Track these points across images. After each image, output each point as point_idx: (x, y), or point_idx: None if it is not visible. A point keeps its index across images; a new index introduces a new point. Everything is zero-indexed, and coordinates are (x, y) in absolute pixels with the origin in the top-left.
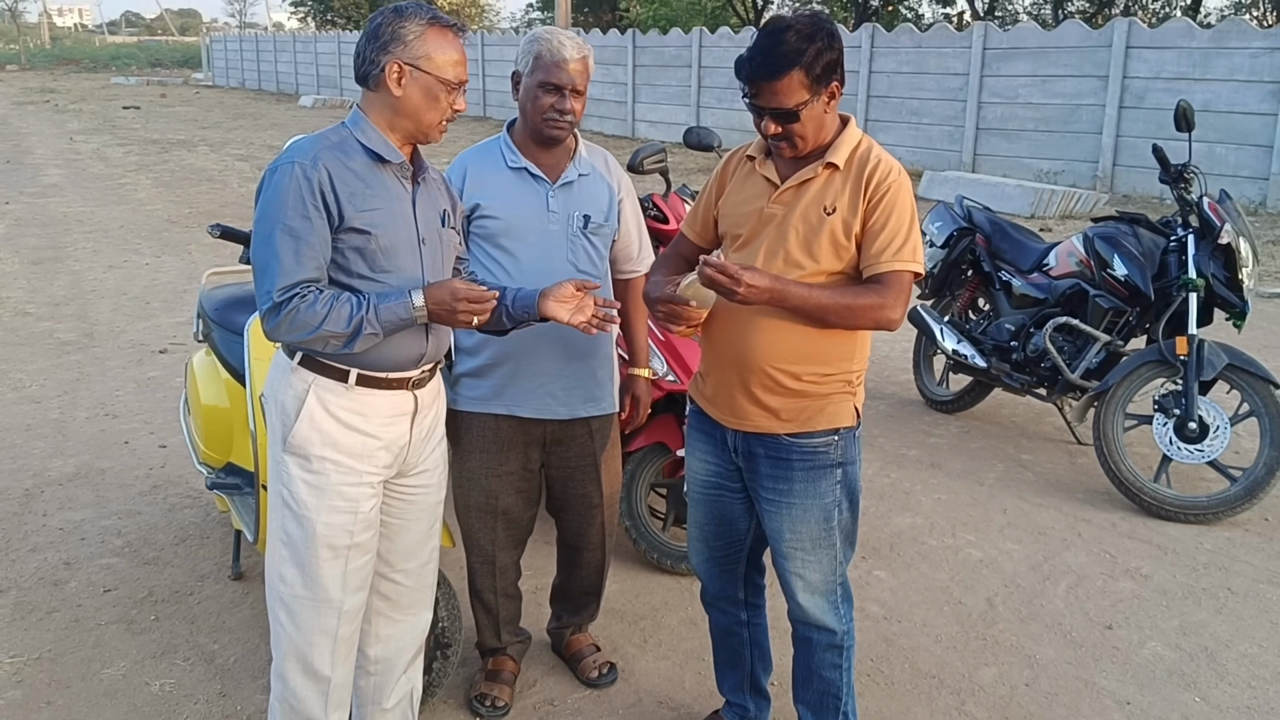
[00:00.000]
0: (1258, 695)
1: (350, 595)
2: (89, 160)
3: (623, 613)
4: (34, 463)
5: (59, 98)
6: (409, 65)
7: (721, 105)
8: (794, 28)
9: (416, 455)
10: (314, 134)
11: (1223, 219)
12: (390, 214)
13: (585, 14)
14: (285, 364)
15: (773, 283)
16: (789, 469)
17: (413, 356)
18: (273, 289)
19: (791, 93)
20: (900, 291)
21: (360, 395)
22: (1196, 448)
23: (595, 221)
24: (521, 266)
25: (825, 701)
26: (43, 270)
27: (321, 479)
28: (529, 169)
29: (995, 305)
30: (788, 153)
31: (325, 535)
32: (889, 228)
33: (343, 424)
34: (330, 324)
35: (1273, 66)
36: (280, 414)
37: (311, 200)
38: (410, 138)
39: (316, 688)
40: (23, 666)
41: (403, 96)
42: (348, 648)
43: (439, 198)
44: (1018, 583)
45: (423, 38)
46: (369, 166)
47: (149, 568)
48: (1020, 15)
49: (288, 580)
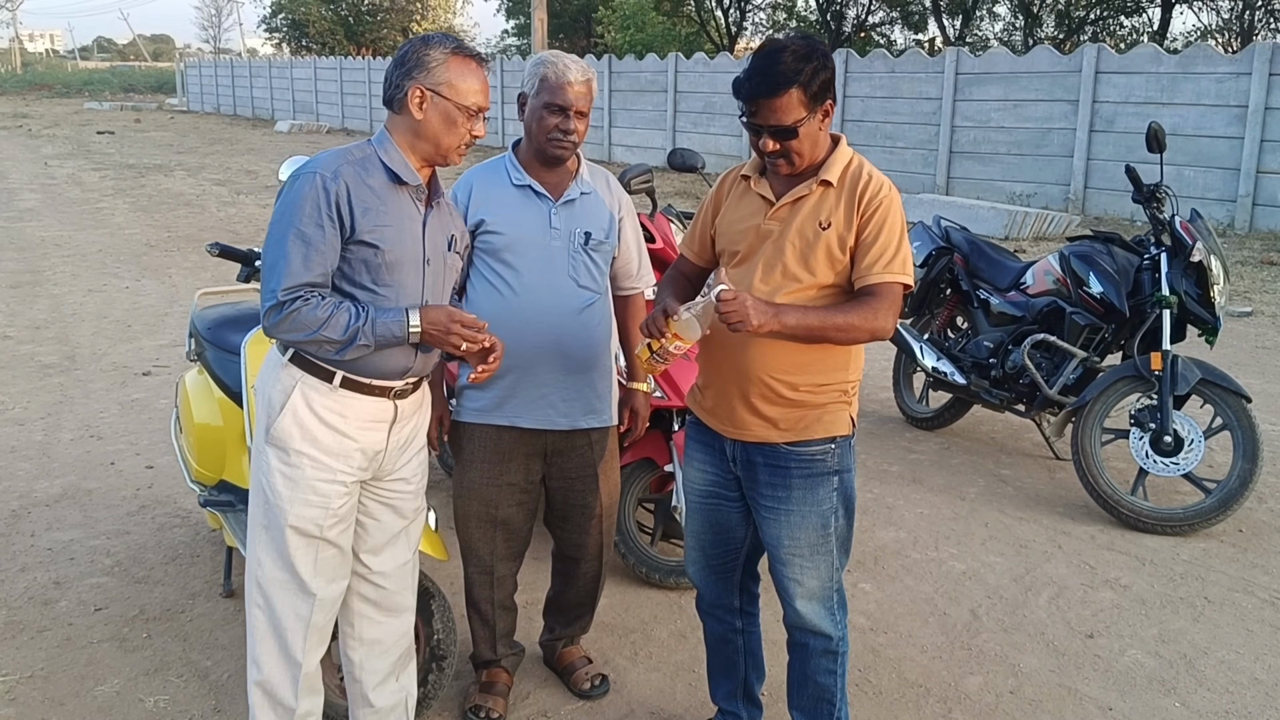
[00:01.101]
0: (1235, 700)
1: (324, 584)
2: (64, 185)
3: (613, 626)
4: (19, 484)
5: (32, 123)
6: (430, 91)
7: (697, 130)
8: (790, 48)
9: (393, 462)
10: (339, 148)
11: (1194, 237)
12: (400, 232)
13: (561, 39)
14: (277, 360)
15: (765, 307)
16: (787, 477)
17: (398, 368)
18: (278, 288)
19: (790, 110)
20: (892, 302)
21: (343, 397)
22: (1172, 461)
23: (596, 239)
24: (524, 281)
25: (820, 708)
26: (21, 294)
27: (297, 472)
28: (533, 186)
29: (974, 323)
30: (784, 170)
31: (297, 525)
32: (880, 241)
33: (323, 422)
34: (328, 329)
35: (1238, 91)
36: (266, 406)
37: (326, 210)
38: (430, 160)
39: (289, 673)
40: (15, 684)
41: (424, 120)
42: (319, 636)
43: (449, 223)
44: (1000, 594)
45: (445, 65)
46: (387, 185)
47: (139, 586)
48: (991, 41)
49: (264, 565)
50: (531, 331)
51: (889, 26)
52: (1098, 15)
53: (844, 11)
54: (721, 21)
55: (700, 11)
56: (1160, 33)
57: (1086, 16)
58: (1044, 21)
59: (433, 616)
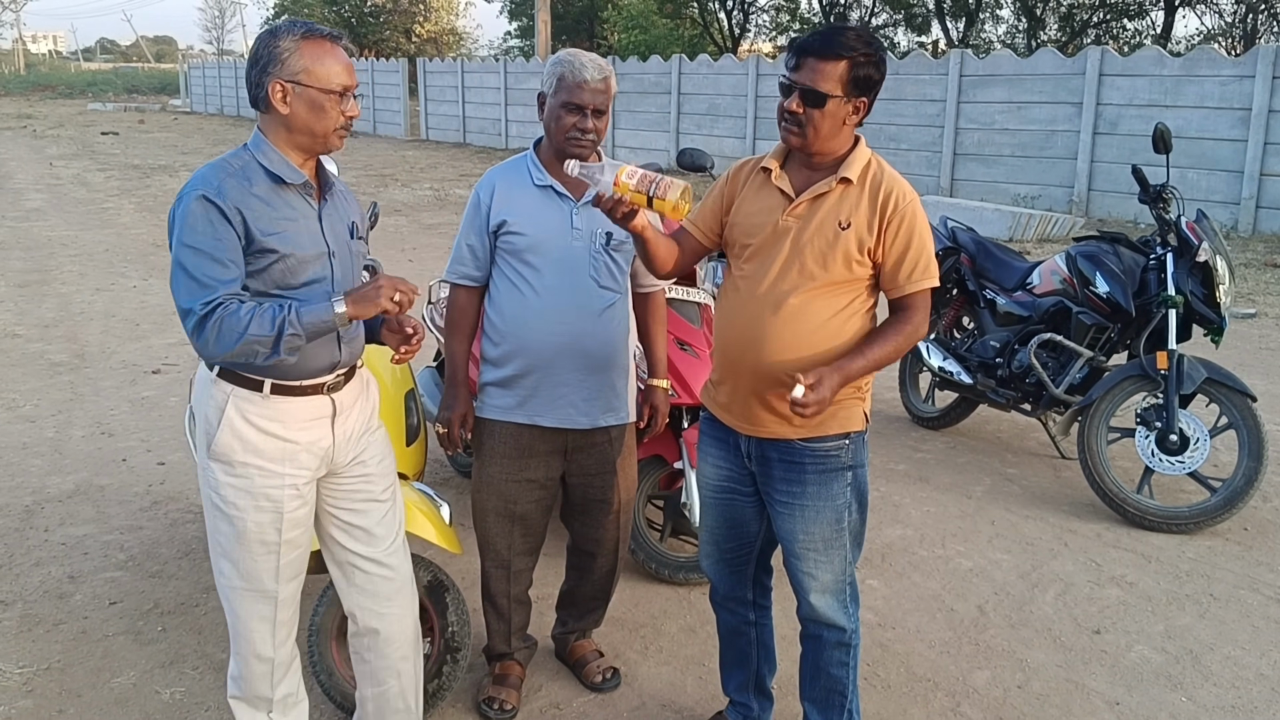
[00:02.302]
0: (1241, 695)
1: (284, 585)
2: (70, 185)
3: (623, 621)
4: (32, 480)
5: (36, 123)
6: (290, 83)
7: (701, 131)
8: (857, 31)
9: (346, 453)
10: (214, 161)
11: (1200, 238)
12: (297, 232)
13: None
14: (206, 377)
15: (836, 379)
16: (802, 472)
17: (326, 364)
18: (194, 304)
19: (829, 78)
20: (926, 308)
21: (276, 403)
22: (1177, 459)
23: (617, 239)
24: (546, 282)
25: (831, 699)
26: (29, 293)
27: (246, 482)
28: (554, 187)
29: (980, 323)
30: (794, 141)
31: (255, 532)
32: (911, 252)
33: (261, 431)
34: (254, 328)
35: (1242, 94)
36: (204, 424)
37: (220, 221)
38: (310, 150)
39: (262, 667)
40: (32, 676)
41: (291, 114)
42: (287, 630)
43: (347, 211)
44: (1007, 590)
45: (298, 53)
46: (272, 189)
47: (153, 580)
48: (995, 43)
49: (225, 574)
50: (553, 331)
51: (892, 29)
52: (1101, 18)
53: (847, 14)
54: (725, 24)
55: (704, 13)
56: (1164, 36)
57: (1090, 19)
58: (1047, 24)
59: (447, 609)
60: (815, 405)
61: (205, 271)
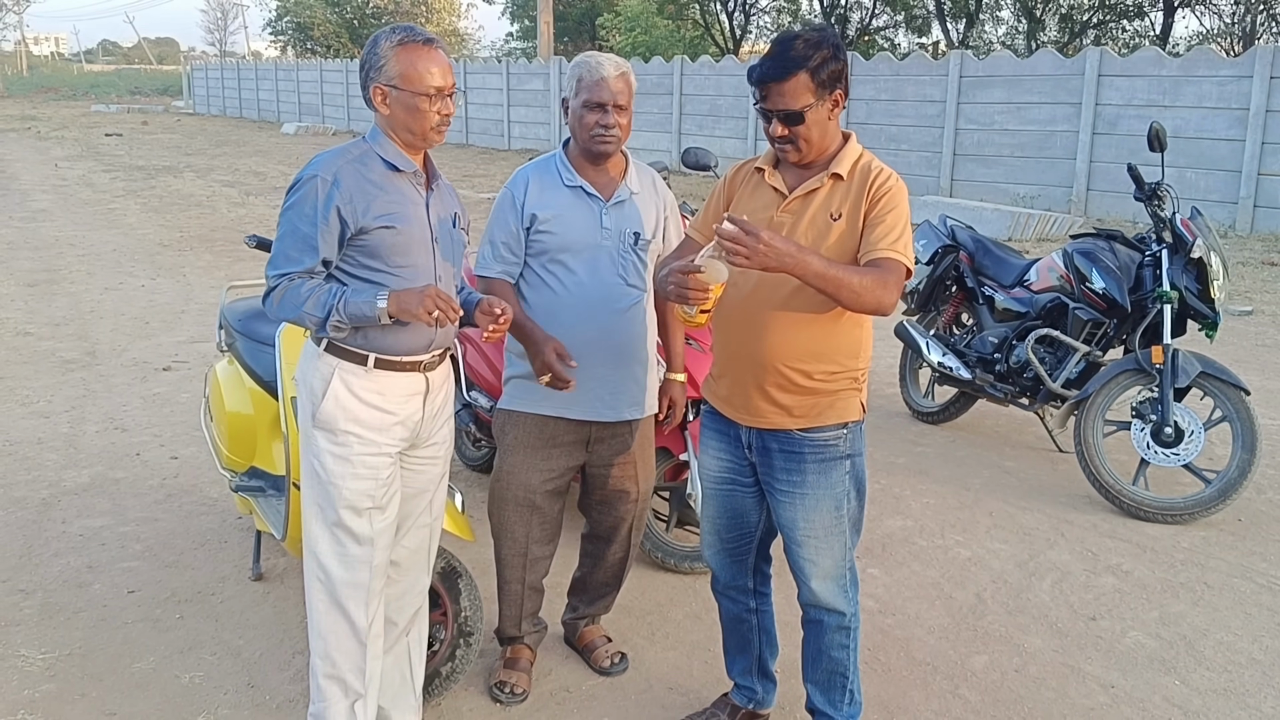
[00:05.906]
0: (1234, 679)
1: (377, 551)
2: (76, 186)
3: (630, 608)
4: (48, 474)
5: (40, 125)
6: (388, 87)
7: (703, 132)
8: (802, 37)
9: (428, 430)
10: (337, 148)
11: (1194, 234)
12: (406, 215)
13: (566, 43)
14: (313, 350)
15: (792, 247)
16: (801, 462)
17: (422, 343)
18: (271, 273)
19: (798, 95)
20: (897, 278)
21: (379, 376)
22: (1172, 452)
23: (644, 239)
24: (576, 279)
25: (833, 680)
26: (39, 292)
27: (346, 450)
28: (584, 187)
29: (978, 319)
30: (793, 157)
31: (350, 499)
32: (886, 222)
33: (364, 402)
34: (309, 306)
35: (1240, 94)
36: (309, 394)
37: (324, 209)
38: (412, 145)
39: (353, 635)
40: (55, 662)
41: (391, 114)
42: (376, 600)
43: (450, 203)
44: (1005, 579)
45: (395, 58)
46: (386, 175)
47: (170, 570)
48: (994, 44)
49: (321, 541)
50: (581, 327)
51: (893, 30)
52: (1100, 19)
53: (848, 15)
54: (726, 25)
55: (705, 15)
56: (1162, 36)
57: (1089, 20)
58: (1046, 25)
59: (460, 595)
60: (747, 246)
61: (293, 247)
